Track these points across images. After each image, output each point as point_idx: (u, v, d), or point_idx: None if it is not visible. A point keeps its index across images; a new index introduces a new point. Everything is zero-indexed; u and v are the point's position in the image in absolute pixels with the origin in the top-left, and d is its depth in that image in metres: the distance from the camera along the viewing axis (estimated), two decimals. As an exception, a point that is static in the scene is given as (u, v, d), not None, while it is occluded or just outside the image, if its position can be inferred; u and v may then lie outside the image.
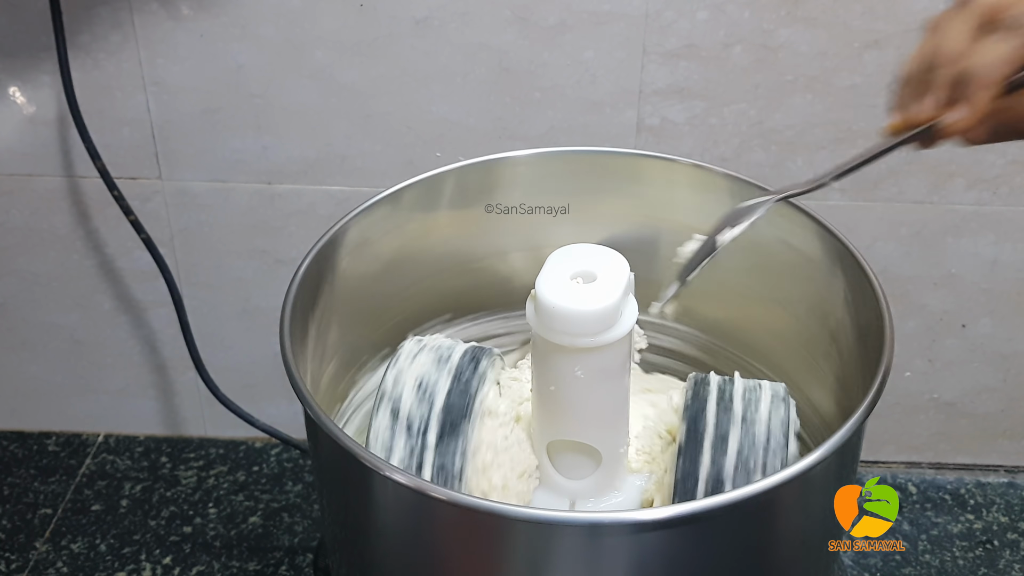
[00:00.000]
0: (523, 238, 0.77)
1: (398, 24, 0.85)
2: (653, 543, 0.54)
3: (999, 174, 0.89)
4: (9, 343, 1.03)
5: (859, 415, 0.55)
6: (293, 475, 1.04)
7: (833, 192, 0.90)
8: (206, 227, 0.96)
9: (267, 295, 0.99)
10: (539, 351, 0.63)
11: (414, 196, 0.74)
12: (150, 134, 0.91)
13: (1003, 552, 0.97)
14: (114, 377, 1.05)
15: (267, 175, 0.93)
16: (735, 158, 0.89)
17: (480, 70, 0.87)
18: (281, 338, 0.61)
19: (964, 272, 0.94)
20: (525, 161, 0.76)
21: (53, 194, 0.95)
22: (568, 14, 0.84)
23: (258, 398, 1.02)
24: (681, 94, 0.87)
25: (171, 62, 0.88)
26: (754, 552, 0.57)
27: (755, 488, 0.53)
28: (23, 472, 1.05)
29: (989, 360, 0.98)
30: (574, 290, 0.60)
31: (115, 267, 0.98)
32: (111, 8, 0.86)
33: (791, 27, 0.83)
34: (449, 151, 0.90)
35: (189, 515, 1.00)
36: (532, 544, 0.54)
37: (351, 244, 0.71)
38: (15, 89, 0.90)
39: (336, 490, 0.61)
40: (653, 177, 0.76)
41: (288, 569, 0.95)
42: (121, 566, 0.95)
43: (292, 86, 0.88)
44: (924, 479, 1.04)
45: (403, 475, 0.54)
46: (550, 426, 0.65)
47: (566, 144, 0.85)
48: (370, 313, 0.75)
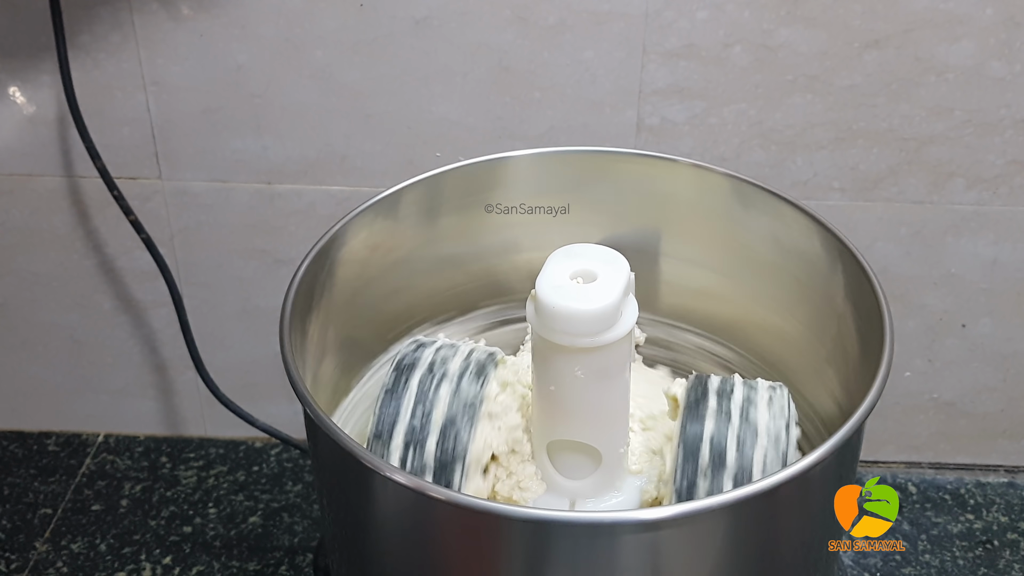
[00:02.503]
0: (523, 238, 0.77)
1: (398, 24, 0.85)
2: (653, 543, 0.54)
3: (999, 174, 0.89)
4: (9, 343, 1.03)
5: (859, 415, 0.55)
6: (293, 475, 1.04)
7: (833, 192, 0.90)
8: (206, 227, 0.96)
9: (267, 295, 0.99)
10: (539, 351, 0.63)
11: (414, 196, 0.74)
12: (150, 134, 0.91)
13: (1003, 552, 0.97)
14: (114, 377, 1.05)
15: (267, 175, 0.93)
16: (735, 158, 0.89)
17: (480, 70, 0.87)
18: (281, 338, 0.61)
19: (964, 272, 0.94)
20: (525, 161, 0.76)
21: (53, 194, 0.95)
22: (568, 14, 0.84)
23: (258, 398, 1.02)
24: (681, 94, 0.87)
25: (171, 62, 0.88)
26: (754, 552, 0.57)
27: (755, 488, 0.53)
28: (23, 472, 1.05)
29: (989, 360, 0.98)
30: (574, 290, 0.60)
31: (115, 267, 0.98)
32: (111, 8, 0.86)
33: (791, 27, 0.83)
34: (449, 151, 0.90)
35: (189, 515, 1.00)
36: (532, 544, 0.54)
37: (351, 244, 0.71)
38: (15, 89, 0.90)
39: (336, 490, 0.61)
40: (653, 177, 0.76)
41: (288, 569, 0.95)
42: (121, 566, 0.95)
43: (292, 86, 0.88)
44: (924, 479, 1.04)
45: (403, 475, 0.54)
46: (550, 426, 0.65)
47: (566, 144, 0.85)
48: (370, 313, 0.75)
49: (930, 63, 0.84)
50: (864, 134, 0.88)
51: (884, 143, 0.88)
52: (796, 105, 0.87)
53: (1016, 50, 0.84)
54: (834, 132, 0.88)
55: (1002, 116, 0.86)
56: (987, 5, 0.82)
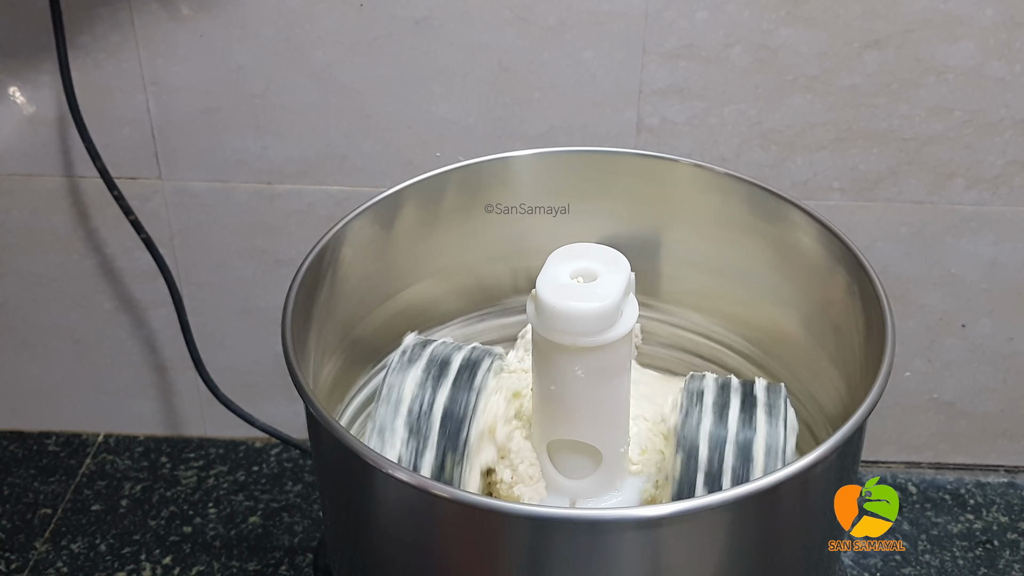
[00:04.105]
0: (523, 238, 0.77)
1: (398, 24, 0.85)
2: (653, 541, 0.54)
3: (999, 174, 0.89)
4: (9, 343, 1.03)
5: (860, 415, 0.55)
6: (293, 475, 1.04)
7: (833, 192, 0.90)
8: (206, 227, 0.96)
9: (267, 295, 0.99)
10: (539, 351, 0.63)
11: (414, 196, 0.74)
12: (150, 134, 0.91)
13: (1003, 552, 0.97)
14: (114, 377, 1.05)
15: (267, 175, 0.93)
16: (735, 158, 0.89)
17: (480, 70, 0.87)
18: (283, 337, 0.61)
19: (964, 272, 0.94)
20: (525, 161, 0.76)
21: (53, 194, 0.95)
22: (568, 14, 0.84)
23: (258, 398, 1.02)
24: (681, 94, 0.87)
25: (171, 62, 0.88)
26: (754, 551, 0.57)
27: (755, 487, 0.53)
28: (23, 472, 1.05)
29: (989, 360, 0.98)
30: (574, 289, 0.60)
31: (115, 267, 0.98)
32: (111, 8, 0.86)
33: (791, 27, 0.83)
34: (449, 151, 0.90)
35: (189, 515, 1.00)
36: (534, 541, 0.54)
37: (351, 244, 0.71)
38: (15, 89, 0.90)
39: (337, 488, 0.61)
40: (653, 177, 0.76)
41: (288, 569, 0.95)
42: (121, 566, 0.95)
43: (292, 86, 0.88)
44: (924, 479, 1.04)
45: (405, 473, 0.54)
46: (550, 426, 0.65)
47: (566, 144, 0.85)
48: (370, 313, 0.75)
49: (930, 63, 0.84)
50: (864, 134, 0.88)
51: (884, 143, 0.88)
52: (796, 105, 0.87)
53: (1016, 50, 0.84)
54: (834, 132, 0.88)
55: (1002, 116, 0.86)
56: (987, 5, 0.82)
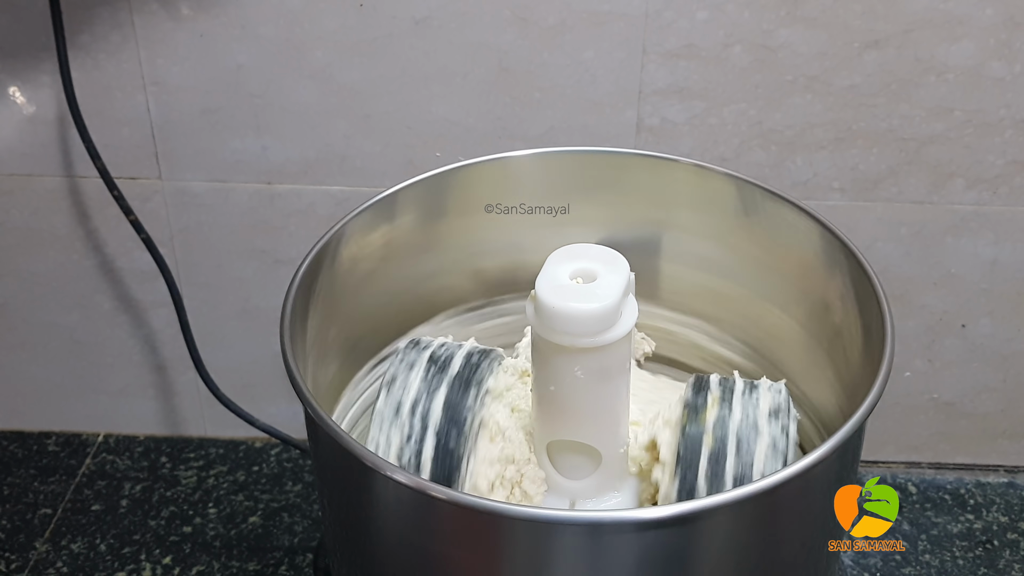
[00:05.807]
0: (523, 238, 0.77)
1: (398, 24, 0.85)
2: (653, 542, 0.54)
3: (999, 174, 0.89)
4: (9, 343, 1.03)
5: (860, 415, 0.55)
6: (293, 475, 1.04)
7: (833, 192, 0.90)
8: (206, 227, 0.96)
9: (267, 295, 0.99)
10: (539, 351, 0.63)
11: (414, 196, 0.74)
12: (150, 134, 0.91)
13: (1003, 552, 0.97)
14: (114, 377, 1.05)
15: (267, 175, 0.93)
16: (735, 158, 0.89)
17: (480, 70, 0.87)
18: (281, 338, 0.61)
19: (964, 272, 0.94)
20: (525, 161, 0.76)
21: (53, 194, 0.95)
22: (568, 14, 0.84)
23: (258, 398, 1.02)
24: (681, 94, 0.87)
25: (171, 62, 0.88)
26: (754, 552, 0.57)
27: (755, 488, 0.53)
28: (23, 472, 1.05)
29: (989, 360, 0.98)
30: (574, 290, 0.60)
31: (115, 267, 0.98)
32: (111, 8, 0.86)
33: (791, 27, 0.83)
34: (449, 151, 0.90)
35: (189, 515, 1.00)
36: (533, 543, 0.54)
37: (351, 244, 0.71)
38: (15, 89, 0.90)
39: (337, 489, 0.61)
40: (653, 177, 0.76)
41: (288, 569, 0.95)
42: (121, 566, 0.95)
43: (292, 86, 0.88)
44: (924, 479, 1.04)
45: (404, 474, 0.54)
46: (550, 426, 0.65)
47: (566, 144, 0.85)
48: (370, 313, 0.75)
49: (930, 63, 0.84)
50: (864, 134, 0.88)
51: (884, 143, 0.88)
52: (796, 105, 0.87)
53: (1016, 50, 0.84)
54: (834, 132, 0.88)
55: (1002, 116, 0.86)
56: (987, 5, 0.82)
